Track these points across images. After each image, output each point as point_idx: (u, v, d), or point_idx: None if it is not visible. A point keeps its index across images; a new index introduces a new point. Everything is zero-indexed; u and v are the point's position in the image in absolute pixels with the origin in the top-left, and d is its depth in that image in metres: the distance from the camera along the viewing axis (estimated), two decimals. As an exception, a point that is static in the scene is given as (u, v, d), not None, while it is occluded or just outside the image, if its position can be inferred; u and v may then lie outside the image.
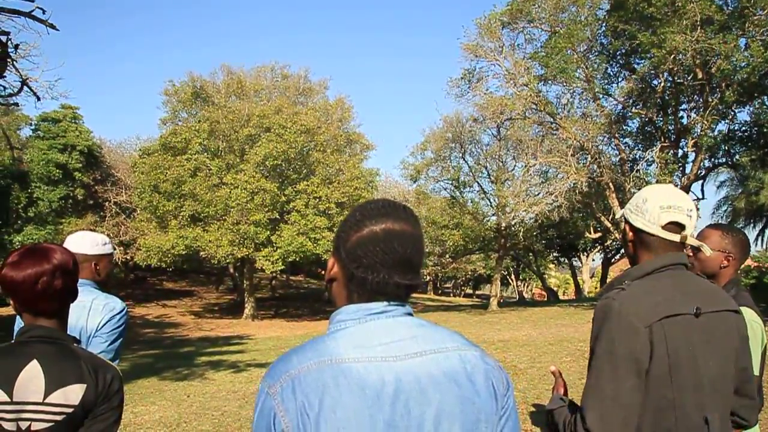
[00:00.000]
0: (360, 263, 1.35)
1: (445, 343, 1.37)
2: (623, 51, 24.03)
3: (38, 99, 13.98)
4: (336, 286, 1.43)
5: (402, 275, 1.36)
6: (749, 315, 2.76)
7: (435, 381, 1.31)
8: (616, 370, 1.84)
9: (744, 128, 23.61)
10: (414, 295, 49.98)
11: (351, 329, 1.34)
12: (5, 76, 11.14)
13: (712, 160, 25.53)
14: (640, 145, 26.31)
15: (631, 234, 2.11)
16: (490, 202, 32.37)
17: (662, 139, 24.35)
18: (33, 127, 34.75)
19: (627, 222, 2.13)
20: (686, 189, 23.35)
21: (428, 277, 56.20)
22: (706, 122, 21.66)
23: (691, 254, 2.94)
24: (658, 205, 2.04)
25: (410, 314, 1.41)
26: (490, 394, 1.36)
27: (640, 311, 1.88)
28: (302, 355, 1.30)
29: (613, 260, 40.85)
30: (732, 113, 22.92)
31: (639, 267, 2.05)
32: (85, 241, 3.12)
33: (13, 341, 2.04)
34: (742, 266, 3.05)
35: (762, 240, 39.40)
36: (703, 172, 25.57)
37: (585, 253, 46.24)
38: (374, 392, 1.25)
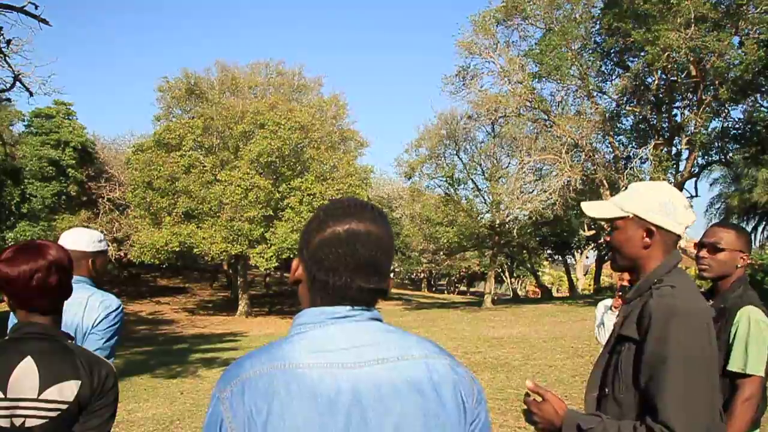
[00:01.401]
0: (321, 266, 1.29)
1: (411, 351, 1.30)
2: (617, 48, 24.08)
3: (31, 94, 13.96)
4: (301, 289, 1.37)
5: (365, 279, 1.30)
6: (756, 314, 2.74)
7: (396, 390, 1.24)
8: (698, 373, 1.78)
9: (737, 126, 23.73)
10: (408, 292, 50.19)
11: (310, 333, 1.28)
12: (-2, 72, 11.13)
13: (706, 157, 25.66)
14: (634, 143, 26.36)
15: (657, 234, 2.03)
16: (485, 200, 32.44)
17: (656, 137, 24.42)
18: (26, 123, 34.60)
19: (649, 222, 2.03)
20: (680, 186, 23.45)
21: (423, 275, 56.26)
22: (699, 120, 21.75)
23: (707, 255, 2.92)
24: (682, 205, 2.03)
25: (378, 320, 1.34)
26: (458, 406, 1.28)
27: (700, 308, 1.87)
28: (256, 359, 1.25)
29: (606, 258, 40.87)
30: (726, 111, 23.05)
31: (664, 265, 2.01)
32: (82, 238, 3.11)
33: (6, 338, 2.03)
34: None
35: (755, 237, 39.57)
36: (697, 170, 25.68)
37: (579, 251, 46.34)
38: (327, 400, 1.19)
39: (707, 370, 1.80)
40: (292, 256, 28.46)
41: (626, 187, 2.05)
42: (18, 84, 13.25)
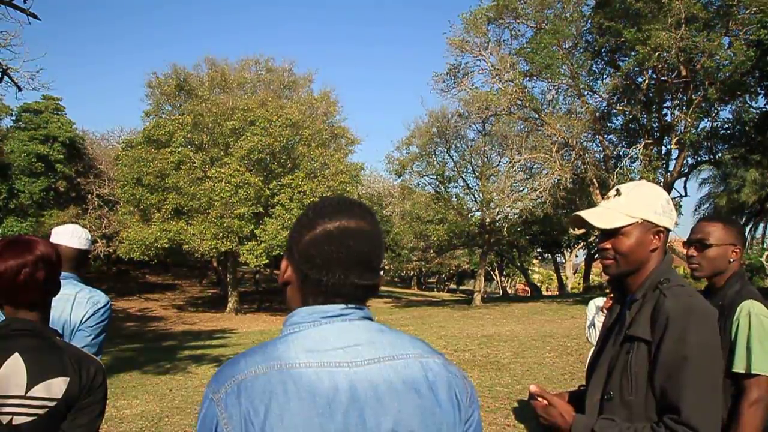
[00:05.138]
0: (314, 264, 1.28)
1: (405, 350, 1.30)
2: (608, 48, 24.14)
3: (19, 89, 13.83)
4: (290, 290, 1.36)
5: (359, 275, 1.29)
6: (757, 308, 2.55)
7: (393, 389, 1.24)
8: (716, 372, 1.77)
9: (726, 126, 23.83)
10: (397, 290, 50.20)
11: (304, 332, 1.27)
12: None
13: (695, 157, 25.78)
14: (624, 142, 26.48)
15: (663, 235, 2.00)
16: (475, 198, 32.46)
17: (646, 136, 24.50)
18: (14, 118, 34.39)
19: (658, 225, 1.98)
20: (669, 186, 23.58)
21: (412, 272, 56.27)
22: (689, 120, 21.84)
23: (695, 253, 2.75)
24: (671, 202, 2.01)
25: (369, 318, 1.34)
26: (453, 405, 1.29)
27: (711, 307, 1.85)
28: (250, 359, 1.23)
29: (596, 256, 40.99)
30: (715, 111, 23.14)
31: (666, 263, 1.99)
32: (77, 235, 3.15)
33: (-7, 334, 2.00)
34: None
35: (742, 237, 39.70)
36: (686, 169, 25.80)
37: (568, 249, 46.49)
38: (325, 400, 1.18)
39: (720, 369, 1.80)
40: (282, 253, 28.21)
41: (617, 189, 1.98)
42: (6, 78, 13.14)
